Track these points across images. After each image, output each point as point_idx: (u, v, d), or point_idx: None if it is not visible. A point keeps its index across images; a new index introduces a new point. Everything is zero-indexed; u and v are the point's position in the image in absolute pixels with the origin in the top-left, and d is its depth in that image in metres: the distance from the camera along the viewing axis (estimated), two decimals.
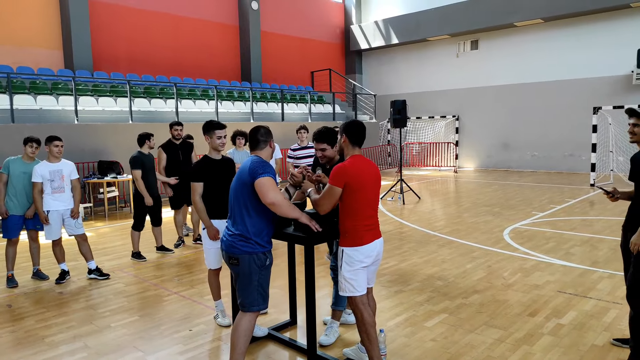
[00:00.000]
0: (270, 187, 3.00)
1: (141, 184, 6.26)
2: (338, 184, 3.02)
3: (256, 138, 3.28)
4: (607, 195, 3.62)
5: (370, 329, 3.10)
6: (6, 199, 5.40)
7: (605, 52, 14.78)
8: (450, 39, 18.30)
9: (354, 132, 3.17)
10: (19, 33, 12.14)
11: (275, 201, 2.99)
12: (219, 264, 4.27)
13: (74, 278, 5.70)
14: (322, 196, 3.10)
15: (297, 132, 7.05)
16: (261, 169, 3.05)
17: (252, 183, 3.05)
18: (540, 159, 16.40)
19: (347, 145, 3.19)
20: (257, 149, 3.28)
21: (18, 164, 5.46)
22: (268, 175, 3.03)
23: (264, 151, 3.28)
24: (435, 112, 18.90)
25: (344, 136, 3.19)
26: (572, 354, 3.56)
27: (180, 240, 7.11)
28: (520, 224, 8.09)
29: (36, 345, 3.92)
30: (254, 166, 3.07)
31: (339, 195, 3.05)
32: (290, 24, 18.84)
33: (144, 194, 6.28)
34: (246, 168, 3.12)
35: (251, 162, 3.14)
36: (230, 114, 14.06)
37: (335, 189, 3.03)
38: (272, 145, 3.33)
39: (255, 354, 3.72)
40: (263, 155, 3.26)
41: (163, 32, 14.87)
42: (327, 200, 3.08)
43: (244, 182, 3.11)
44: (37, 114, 10.43)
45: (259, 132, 3.28)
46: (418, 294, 4.92)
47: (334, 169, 3.08)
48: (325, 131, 3.60)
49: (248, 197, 3.10)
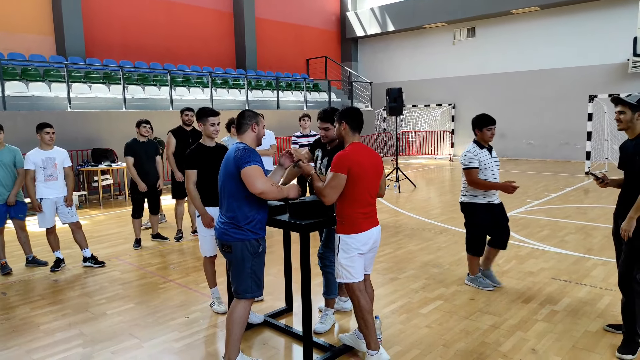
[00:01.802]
0: (257, 176, 2.93)
1: (133, 170, 6.21)
2: (342, 171, 2.99)
3: (240, 122, 3.19)
4: (597, 181, 3.70)
5: (367, 315, 3.10)
6: None
7: (601, 40, 14.75)
8: (446, 26, 18.19)
9: (354, 118, 3.17)
10: (10, 19, 11.93)
11: (264, 189, 2.94)
12: (214, 252, 4.26)
13: (69, 266, 5.68)
14: (326, 185, 3.03)
15: (300, 119, 7.01)
16: (246, 157, 2.97)
17: (237, 172, 2.99)
18: (536, 147, 16.44)
19: (348, 132, 3.17)
20: (241, 132, 3.19)
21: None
22: (253, 163, 2.95)
23: (246, 135, 3.17)
24: (431, 100, 18.84)
25: (343, 123, 3.16)
26: (565, 340, 3.59)
27: (180, 234, 6.87)
28: (516, 212, 8.12)
29: (31, 332, 3.91)
30: (239, 155, 3.00)
31: (344, 182, 3.01)
32: (285, 10, 18.64)
33: (137, 180, 6.23)
34: (231, 157, 3.04)
35: (235, 150, 3.05)
36: (225, 102, 13.96)
37: (340, 176, 2.99)
38: (255, 130, 3.19)
39: (251, 340, 3.73)
40: (247, 141, 3.17)
41: (156, 18, 14.67)
42: (332, 190, 3.01)
43: (230, 172, 3.04)
44: (29, 101, 10.30)
45: (243, 116, 3.20)
46: (413, 281, 4.94)
47: (335, 157, 3.05)
48: (330, 111, 3.63)
49: (235, 186, 3.04)
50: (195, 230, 7.13)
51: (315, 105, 16.63)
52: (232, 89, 14.91)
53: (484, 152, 4.59)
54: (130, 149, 6.20)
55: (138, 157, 6.24)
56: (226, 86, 14.96)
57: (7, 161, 5.32)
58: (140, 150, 6.25)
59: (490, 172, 4.57)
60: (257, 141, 3.23)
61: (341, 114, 3.20)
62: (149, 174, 6.37)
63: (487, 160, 4.57)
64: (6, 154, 5.35)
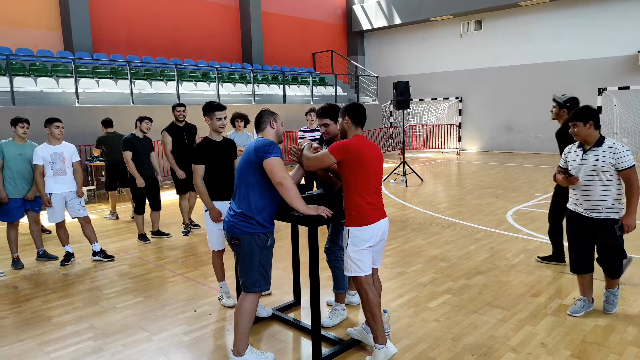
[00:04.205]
0: (280, 168, 3.01)
1: (131, 165, 6.23)
2: (335, 155, 3.07)
3: (259, 120, 3.32)
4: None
5: (375, 308, 3.11)
6: (4, 184, 5.34)
7: (611, 32, 14.57)
8: (453, 19, 18.04)
9: (356, 113, 3.23)
10: (18, 14, 11.98)
11: (284, 182, 3.00)
12: (222, 246, 4.28)
13: (79, 260, 5.73)
14: (315, 156, 3.17)
15: (307, 114, 7.00)
16: (269, 148, 3.05)
17: (257, 161, 3.06)
18: (544, 140, 16.30)
19: (350, 126, 3.24)
20: (261, 129, 3.31)
21: (11, 146, 5.37)
22: (277, 155, 3.04)
23: (267, 131, 3.29)
24: (438, 94, 18.73)
25: (346, 118, 3.24)
26: (574, 334, 3.58)
27: (188, 227, 6.93)
28: (524, 206, 8.07)
29: (43, 325, 3.95)
30: (260, 146, 3.08)
31: (330, 164, 3.12)
32: (291, 4, 18.55)
33: (135, 174, 6.25)
34: (252, 148, 3.12)
35: (256, 142, 3.14)
36: (231, 96, 13.97)
37: (330, 157, 3.08)
38: (273, 126, 3.28)
39: (260, 333, 3.75)
40: (269, 136, 3.26)
41: (163, 13, 14.67)
42: (317, 161, 3.15)
43: (249, 161, 3.12)
44: (37, 96, 10.37)
45: (261, 114, 3.33)
46: (421, 275, 4.94)
47: (337, 142, 3.15)
48: (327, 107, 3.67)
49: (252, 174, 3.11)
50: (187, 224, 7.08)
51: (321, 100, 16.58)
52: (239, 84, 14.92)
53: None
54: (129, 143, 6.23)
55: (136, 152, 6.27)
56: (232, 81, 14.97)
57: (30, 156, 5.38)
58: (138, 145, 6.28)
59: None
60: (278, 137, 3.30)
61: (344, 110, 3.28)
62: (146, 170, 6.40)
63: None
64: (28, 148, 5.41)
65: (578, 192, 3.81)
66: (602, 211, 3.69)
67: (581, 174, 3.75)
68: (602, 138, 3.73)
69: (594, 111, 3.76)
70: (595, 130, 3.72)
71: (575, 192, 3.84)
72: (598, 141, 3.72)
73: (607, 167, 3.62)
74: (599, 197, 3.69)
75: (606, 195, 3.67)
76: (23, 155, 5.37)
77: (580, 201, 3.80)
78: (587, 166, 3.71)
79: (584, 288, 3.98)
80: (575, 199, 3.87)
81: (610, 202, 3.66)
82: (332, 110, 3.62)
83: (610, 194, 3.66)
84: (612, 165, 3.61)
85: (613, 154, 3.60)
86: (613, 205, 3.67)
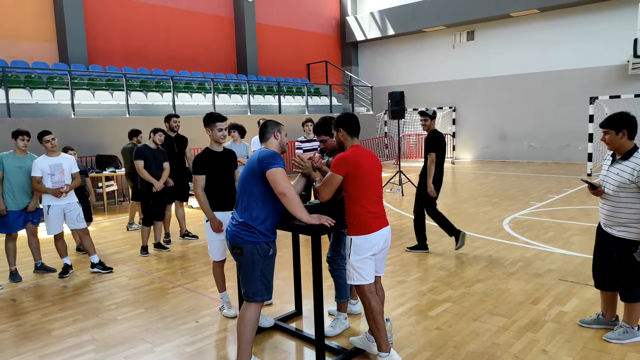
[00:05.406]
0: (283, 178, 3.05)
1: (145, 172, 6.21)
2: (339, 172, 3.11)
3: (263, 130, 3.36)
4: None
5: (378, 317, 3.13)
6: (3, 195, 5.32)
7: (601, 42, 14.82)
8: (446, 29, 18.27)
9: (350, 124, 3.28)
10: (13, 27, 12.00)
11: (287, 192, 3.03)
12: (223, 256, 4.28)
13: (77, 272, 5.70)
14: (322, 183, 3.19)
15: (303, 125, 7.05)
16: (272, 159, 3.09)
17: (260, 172, 3.09)
18: (537, 149, 16.48)
19: (347, 138, 3.29)
20: (264, 139, 3.35)
21: (11, 158, 5.36)
22: (280, 166, 3.08)
23: (270, 142, 3.32)
24: (432, 103, 18.89)
25: (341, 131, 3.28)
26: (575, 340, 3.61)
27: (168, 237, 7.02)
28: (520, 214, 8.14)
29: (43, 338, 3.93)
30: (263, 156, 3.12)
31: (339, 182, 3.13)
32: (286, 15, 18.73)
33: (151, 180, 6.22)
34: (255, 159, 3.16)
35: (259, 152, 3.19)
36: (227, 107, 14.01)
37: (336, 177, 3.12)
38: (277, 137, 3.33)
39: (262, 344, 3.75)
40: (272, 147, 3.30)
41: (158, 24, 14.75)
42: (327, 187, 3.16)
43: (253, 172, 3.15)
44: (33, 109, 10.35)
45: (266, 125, 3.37)
46: (421, 283, 4.96)
47: (335, 158, 3.17)
48: (322, 123, 3.74)
49: (255, 185, 3.14)
50: (184, 234, 7.14)
51: (316, 110, 16.68)
52: (234, 94, 14.97)
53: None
54: (141, 153, 6.24)
55: (147, 162, 6.28)
56: (228, 91, 15.02)
57: (30, 168, 5.37)
58: (150, 156, 6.30)
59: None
60: (281, 148, 3.34)
61: (337, 122, 3.31)
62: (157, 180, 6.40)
63: None
64: (28, 161, 5.41)
65: (602, 203, 3.60)
66: (616, 228, 3.48)
67: (606, 187, 3.51)
68: (634, 149, 3.40)
69: (630, 119, 3.39)
70: (630, 140, 3.39)
71: (600, 203, 3.64)
72: (628, 153, 3.39)
73: (627, 183, 3.34)
74: (616, 214, 3.45)
75: (623, 213, 3.40)
76: (23, 167, 5.36)
77: (602, 214, 3.61)
78: (610, 179, 3.47)
79: (604, 304, 3.77)
80: (599, 210, 3.66)
81: (626, 221, 3.39)
82: (327, 125, 3.67)
83: (627, 212, 3.38)
84: (632, 182, 3.32)
85: (634, 169, 3.30)
86: (629, 225, 3.39)
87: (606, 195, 3.53)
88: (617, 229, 3.49)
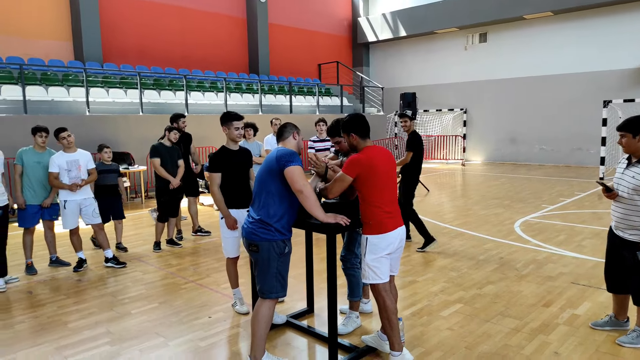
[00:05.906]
0: (301, 176, 3.09)
1: (161, 170, 6.29)
2: (350, 174, 3.13)
3: (282, 130, 3.44)
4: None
5: (392, 316, 3.15)
6: (23, 190, 5.45)
7: (615, 45, 14.68)
8: (458, 31, 18.21)
9: (360, 127, 3.26)
10: (30, 25, 12.18)
11: (304, 190, 3.07)
12: (237, 253, 4.33)
13: (92, 266, 5.78)
14: (333, 180, 3.22)
15: (316, 124, 7.09)
16: (291, 157, 3.15)
17: (278, 169, 3.14)
18: (549, 152, 16.37)
19: (359, 141, 3.28)
20: (283, 139, 3.42)
21: (31, 154, 5.48)
22: (298, 164, 3.12)
23: (288, 141, 3.39)
24: (443, 105, 18.85)
25: (352, 135, 3.27)
26: (588, 343, 3.60)
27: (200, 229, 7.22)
28: (531, 217, 8.11)
29: (59, 330, 4.00)
30: (282, 154, 3.17)
31: (349, 183, 3.15)
32: (298, 16, 18.79)
33: (168, 177, 6.29)
34: (273, 157, 3.21)
35: (278, 151, 3.24)
36: (238, 106, 14.08)
37: (347, 177, 3.14)
38: (295, 137, 3.41)
39: (274, 340, 3.78)
40: (289, 146, 3.36)
41: (172, 24, 14.88)
42: (336, 185, 3.19)
43: (270, 169, 3.20)
44: (49, 105, 10.50)
45: (285, 126, 3.45)
46: (432, 284, 4.97)
47: (348, 159, 3.18)
48: (335, 125, 3.76)
49: (273, 182, 3.18)
50: (197, 230, 7.22)
51: (327, 110, 16.71)
52: (246, 94, 15.05)
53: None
54: (156, 150, 6.31)
55: (163, 160, 6.35)
56: (240, 91, 15.11)
57: (48, 164, 5.47)
58: (166, 153, 6.37)
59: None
60: (298, 148, 3.41)
61: (346, 127, 3.30)
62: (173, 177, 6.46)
63: None
64: (47, 156, 5.51)
65: (614, 206, 3.60)
66: (628, 232, 3.49)
67: (620, 190, 3.50)
68: None
69: None
70: None
71: (612, 206, 3.64)
72: None
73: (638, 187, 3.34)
74: (629, 217, 3.44)
75: (636, 217, 3.40)
76: (41, 162, 5.47)
77: (614, 217, 3.61)
78: (625, 182, 3.46)
79: (616, 306, 3.77)
80: (611, 213, 3.67)
81: (638, 224, 3.39)
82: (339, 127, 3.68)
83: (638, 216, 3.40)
84: None
85: None
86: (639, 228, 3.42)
87: (620, 198, 3.53)
88: (629, 232, 3.49)
